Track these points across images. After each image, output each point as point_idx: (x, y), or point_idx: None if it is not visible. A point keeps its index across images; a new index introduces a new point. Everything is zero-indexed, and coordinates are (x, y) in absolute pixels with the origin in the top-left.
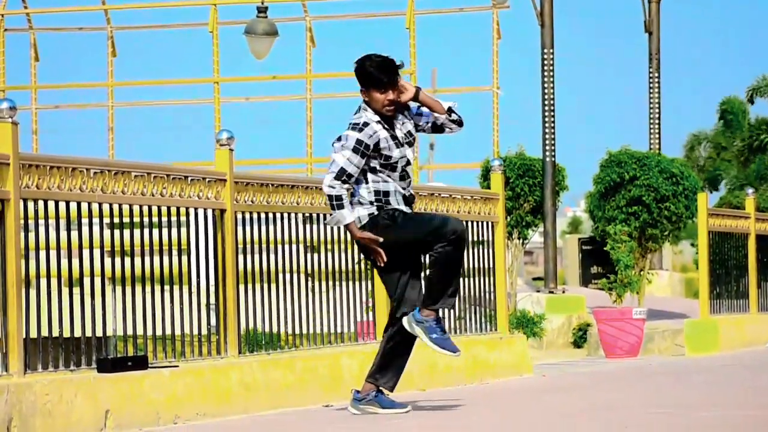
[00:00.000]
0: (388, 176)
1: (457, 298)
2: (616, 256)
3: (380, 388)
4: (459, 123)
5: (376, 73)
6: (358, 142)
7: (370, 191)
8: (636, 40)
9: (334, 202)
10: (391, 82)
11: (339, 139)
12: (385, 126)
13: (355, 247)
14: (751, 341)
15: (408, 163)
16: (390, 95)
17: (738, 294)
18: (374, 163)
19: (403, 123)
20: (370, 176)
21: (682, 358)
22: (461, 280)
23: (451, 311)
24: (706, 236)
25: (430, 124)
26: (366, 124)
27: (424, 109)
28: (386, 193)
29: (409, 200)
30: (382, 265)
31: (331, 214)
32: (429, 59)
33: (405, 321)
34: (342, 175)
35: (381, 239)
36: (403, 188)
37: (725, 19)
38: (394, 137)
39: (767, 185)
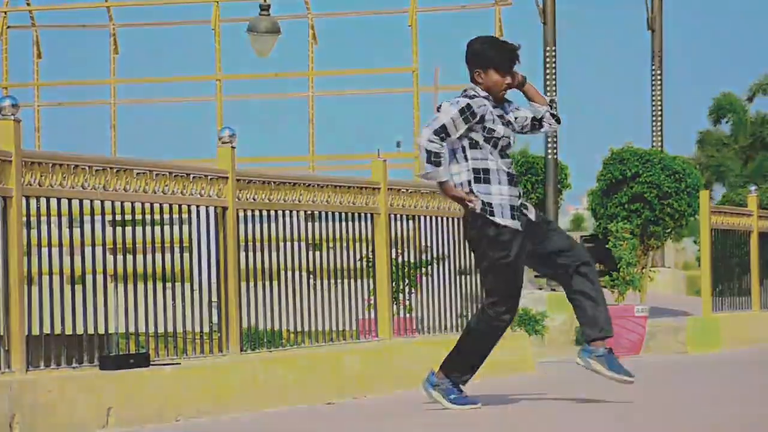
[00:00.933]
0: (490, 152)
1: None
2: (619, 253)
3: (458, 384)
4: (557, 119)
5: (500, 55)
6: (467, 106)
7: (469, 169)
8: (639, 38)
9: (432, 158)
10: (512, 66)
11: (442, 104)
12: (494, 105)
13: (357, 244)
14: (753, 339)
15: (509, 145)
16: (508, 79)
17: (740, 292)
18: (476, 137)
19: (510, 110)
20: (469, 152)
21: (685, 356)
22: (464, 278)
23: (452, 309)
24: (708, 234)
25: (528, 120)
26: (475, 96)
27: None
28: (486, 171)
29: (513, 179)
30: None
31: (425, 171)
32: (431, 57)
33: (581, 360)
34: (441, 132)
35: (475, 198)
36: (507, 166)
37: (728, 17)
38: (501, 116)
39: None
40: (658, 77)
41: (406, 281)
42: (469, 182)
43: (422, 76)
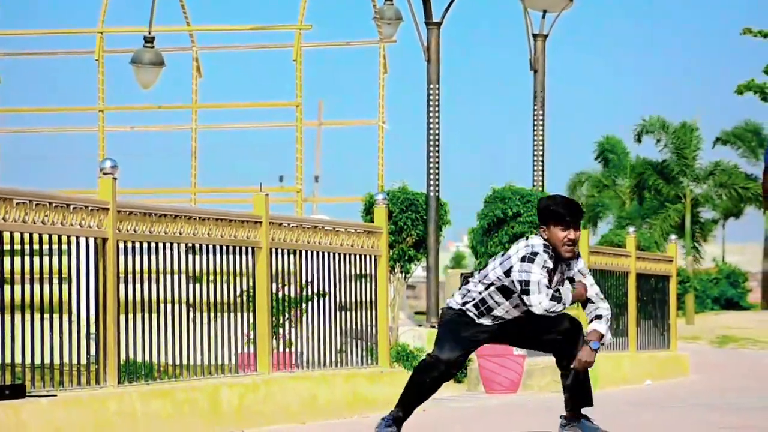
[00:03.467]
0: (507, 305)
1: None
2: None
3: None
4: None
5: (560, 210)
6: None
7: (482, 296)
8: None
9: (558, 306)
10: (574, 222)
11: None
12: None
13: (237, 278)
14: (629, 379)
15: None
16: (571, 234)
17: (618, 332)
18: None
19: (566, 272)
20: (493, 292)
21: (561, 395)
22: (344, 314)
23: (332, 344)
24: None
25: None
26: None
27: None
28: (488, 309)
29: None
30: None
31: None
32: (316, 92)
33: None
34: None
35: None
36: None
37: (610, 61)
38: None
39: (652, 224)
40: (540, 117)
41: (287, 316)
42: (475, 304)
43: (306, 110)
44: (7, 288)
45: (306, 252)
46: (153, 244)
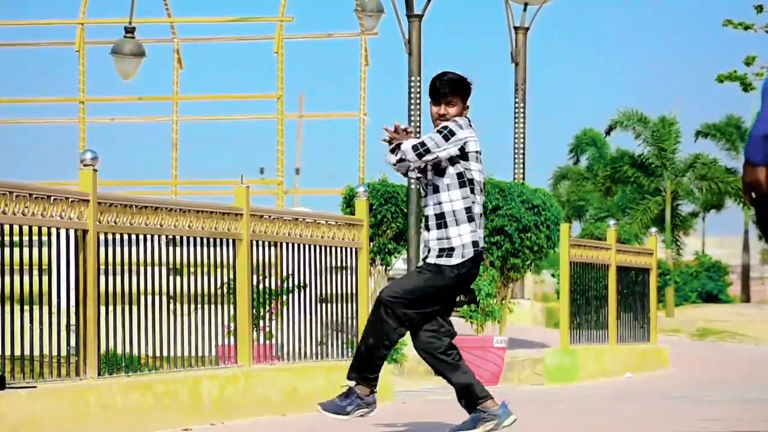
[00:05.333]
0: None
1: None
2: (476, 284)
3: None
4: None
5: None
6: None
7: None
8: (503, 71)
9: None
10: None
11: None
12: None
13: (218, 270)
14: (609, 372)
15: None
16: (440, 110)
17: (598, 325)
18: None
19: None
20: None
21: (542, 387)
22: (325, 306)
23: (313, 336)
24: (567, 266)
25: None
26: None
27: None
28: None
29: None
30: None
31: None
32: (297, 84)
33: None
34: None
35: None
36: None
37: (591, 53)
38: None
39: (629, 217)
40: (521, 110)
41: (267, 308)
42: None
43: (287, 102)
44: None
45: (287, 244)
46: (133, 236)
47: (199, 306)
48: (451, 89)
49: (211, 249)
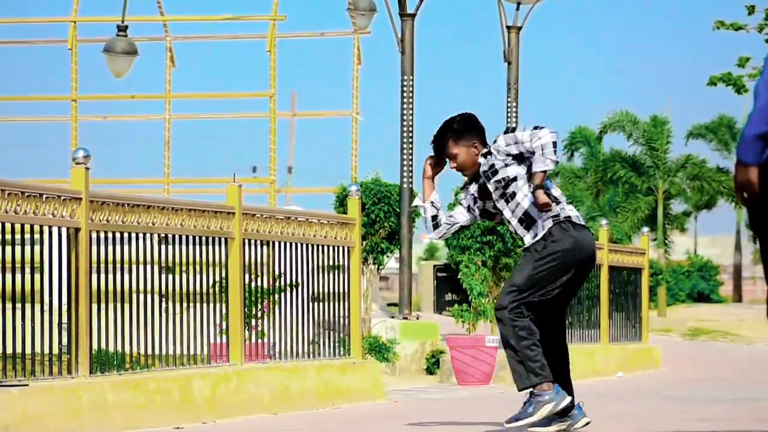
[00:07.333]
0: None
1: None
2: (468, 283)
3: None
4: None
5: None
6: None
7: None
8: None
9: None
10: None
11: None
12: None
13: (210, 268)
14: (600, 371)
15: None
16: (450, 165)
17: (589, 324)
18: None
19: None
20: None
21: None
22: (317, 305)
23: (305, 335)
24: None
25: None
26: None
27: None
28: None
29: None
30: None
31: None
32: (290, 83)
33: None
34: None
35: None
36: None
37: (584, 52)
38: None
39: (620, 216)
40: (514, 109)
41: (259, 307)
42: None
43: (279, 101)
44: None
45: (279, 243)
46: (126, 234)
47: (191, 304)
48: (437, 149)
49: (203, 247)
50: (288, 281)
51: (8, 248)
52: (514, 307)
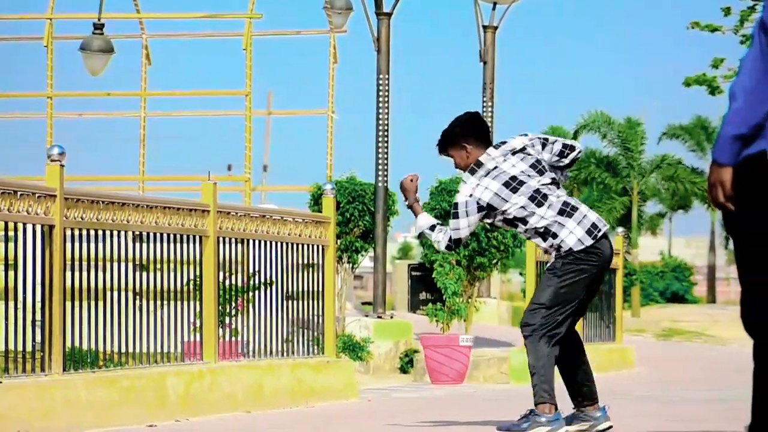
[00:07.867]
0: None
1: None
2: (442, 282)
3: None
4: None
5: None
6: None
7: None
8: (472, 69)
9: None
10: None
11: None
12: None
13: (184, 266)
14: None
15: None
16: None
17: None
18: None
19: None
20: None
21: (507, 386)
22: (291, 303)
23: (279, 333)
24: (533, 266)
25: None
26: None
27: None
28: None
29: None
30: None
31: None
32: (266, 81)
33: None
34: None
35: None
36: None
37: (560, 53)
38: None
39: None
40: (489, 108)
41: (233, 305)
42: None
43: (255, 99)
44: None
45: (253, 241)
46: (100, 232)
47: (165, 302)
48: (441, 148)
49: (178, 245)
50: (262, 279)
51: None
52: (545, 333)
